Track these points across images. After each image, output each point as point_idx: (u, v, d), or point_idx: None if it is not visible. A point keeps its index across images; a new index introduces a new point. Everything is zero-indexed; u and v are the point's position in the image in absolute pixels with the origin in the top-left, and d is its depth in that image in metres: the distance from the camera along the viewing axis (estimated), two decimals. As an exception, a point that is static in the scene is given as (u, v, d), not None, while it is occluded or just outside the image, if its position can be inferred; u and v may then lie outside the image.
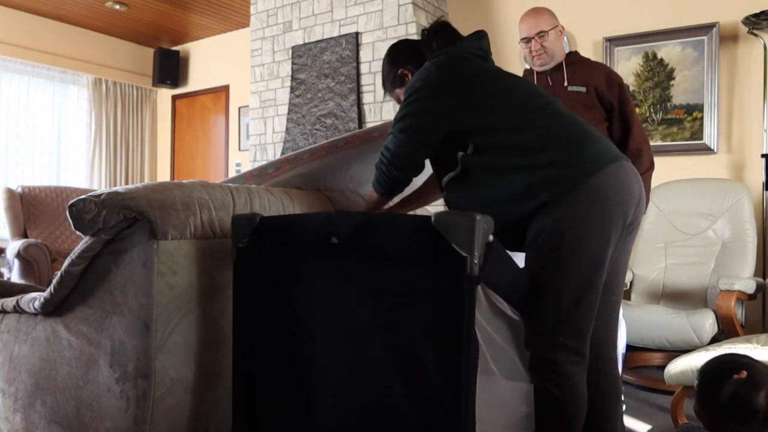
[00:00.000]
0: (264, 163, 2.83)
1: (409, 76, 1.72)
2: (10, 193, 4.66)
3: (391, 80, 1.80)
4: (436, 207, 4.00)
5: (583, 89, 2.35)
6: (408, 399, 1.21)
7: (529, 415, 1.49)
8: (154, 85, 6.77)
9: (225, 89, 6.44)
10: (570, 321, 1.43)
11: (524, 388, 1.50)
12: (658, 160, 2.54)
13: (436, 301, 1.18)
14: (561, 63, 2.42)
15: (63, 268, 1.57)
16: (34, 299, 1.67)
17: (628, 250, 1.60)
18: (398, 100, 1.79)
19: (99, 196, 1.46)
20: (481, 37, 1.66)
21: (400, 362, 1.23)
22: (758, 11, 3.28)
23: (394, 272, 1.24)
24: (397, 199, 1.90)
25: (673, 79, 3.86)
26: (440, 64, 1.56)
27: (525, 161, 1.45)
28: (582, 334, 1.44)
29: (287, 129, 4.83)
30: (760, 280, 3.02)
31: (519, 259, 1.56)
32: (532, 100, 1.52)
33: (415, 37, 4.17)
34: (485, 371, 1.42)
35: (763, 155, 3.39)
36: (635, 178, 1.49)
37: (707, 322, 2.78)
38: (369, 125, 4.39)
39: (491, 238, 1.18)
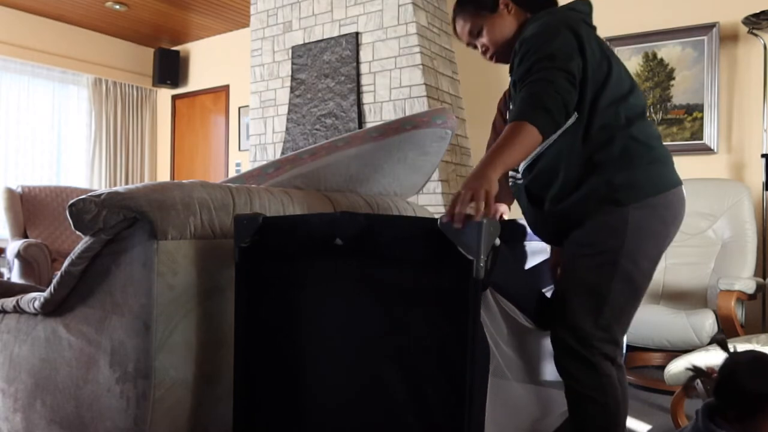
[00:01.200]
0: (264, 163, 2.83)
1: (510, 5, 1.57)
2: (10, 193, 4.66)
3: (481, 2, 1.59)
4: (437, 208, 4.00)
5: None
6: (411, 402, 1.21)
7: (542, 419, 1.48)
8: (154, 85, 6.77)
9: (225, 89, 6.44)
10: (611, 328, 1.42)
11: (538, 391, 1.50)
12: (658, 160, 2.53)
13: (442, 305, 1.18)
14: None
15: (63, 268, 1.57)
16: (34, 299, 1.67)
17: None
18: (474, 33, 1.61)
19: (99, 196, 1.46)
20: (587, 3, 1.58)
21: (404, 365, 1.22)
22: (758, 11, 3.28)
23: (399, 274, 1.24)
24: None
25: (673, 79, 3.86)
26: (564, 17, 1.46)
27: (608, 158, 1.41)
28: (618, 343, 1.44)
29: (287, 129, 4.83)
30: (760, 280, 3.02)
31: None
32: (630, 95, 1.45)
33: (415, 38, 4.19)
34: (499, 374, 1.42)
35: (763, 155, 3.39)
36: (685, 201, 1.50)
37: (707, 322, 2.78)
38: (369, 125, 4.39)
39: (498, 242, 1.18)
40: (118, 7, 5.69)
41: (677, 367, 2.12)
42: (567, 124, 1.41)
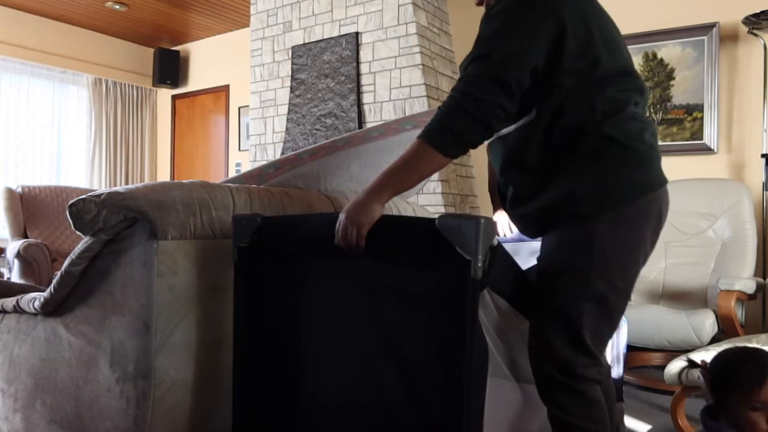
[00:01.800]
0: (264, 163, 2.83)
1: None
2: (10, 193, 4.66)
3: None
4: (437, 208, 4.00)
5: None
6: (409, 402, 1.21)
7: (540, 419, 1.48)
8: (154, 85, 6.77)
9: (225, 89, 6.45)
10: (592, 351, 1.28)
11: (537, 391, 1.50)
12: (658, 160, 2.53)
13: (440, 305, 1.17)
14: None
15: (63, 268, 1.57)
16: (34, 299, 1.67)
17: None
18: None
19: (99, 196, 1.46)
20: None
21: (402, 365, 1.22)
22: (758, 11, 3.28)
23: (397, 274, 1.24)
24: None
25: (673, 79, 3.86)
26: None
27: (574, 161, 1.25)
28: (601, 363, 1.32)
29: (287, 129, 4.83)
30: (760, 280, 3.02)
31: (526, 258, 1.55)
32: (610, 87, 1.26)
33: (415, 38, 4.18)
34: (498, 374, 1.41)
35: (763, 155, 3.39)
36: (669, 201, 1.34)
37: (707, 322, 2.78)
38: (369, 125, 4.39)
39: (496, 242, 1.18)
40: (118, 7, 5.69)
41: (677, 367, 2.12)
42: (519, 123, 1.29)
